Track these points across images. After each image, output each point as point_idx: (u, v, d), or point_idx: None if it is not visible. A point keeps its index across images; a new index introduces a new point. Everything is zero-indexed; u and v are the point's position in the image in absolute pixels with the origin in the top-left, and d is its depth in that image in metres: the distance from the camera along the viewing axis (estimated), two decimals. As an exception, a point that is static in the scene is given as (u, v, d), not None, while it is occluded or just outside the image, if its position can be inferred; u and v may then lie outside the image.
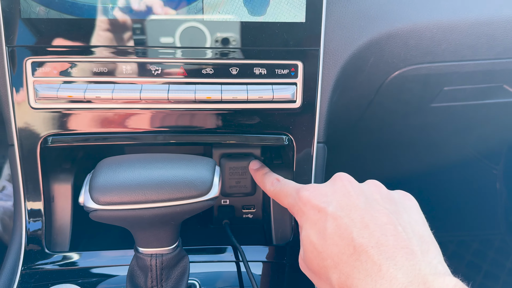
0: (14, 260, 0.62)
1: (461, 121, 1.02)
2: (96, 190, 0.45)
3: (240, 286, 0.60)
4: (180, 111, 0.63)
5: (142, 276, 0.52)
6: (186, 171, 0.48)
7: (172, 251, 0.51)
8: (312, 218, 0.47)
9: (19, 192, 0.64)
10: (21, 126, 0.63)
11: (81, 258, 0.64)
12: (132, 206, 0.45)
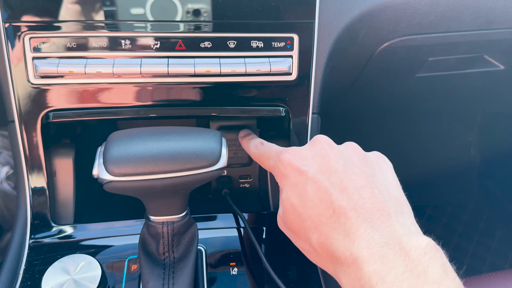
0: (21, 234, 0.64)
1: (442, 90, 1.06)
2: (110, 162, 0.47)
3: (243, 250, 0.64)
4: (179, 85, 0.65)
5: (153, 243, 0.54)
6: (196, 142, 0.50)
7: (182, 219, 0.54)
8: (293, 180, 0.49)
9: (21, 168, 0.65)
10: (21, 102, 0.63)
11: (88, 229, 0.65)
12: (146, 177, 0.47)
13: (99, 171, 0.48)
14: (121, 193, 0.49)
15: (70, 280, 0.54)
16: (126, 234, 0.66)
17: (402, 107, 1.15)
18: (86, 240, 0.64)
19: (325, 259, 0.45)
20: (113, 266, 0.59)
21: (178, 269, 0.53)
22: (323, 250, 0.44)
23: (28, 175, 0.65)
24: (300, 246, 0.50)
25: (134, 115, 0.66)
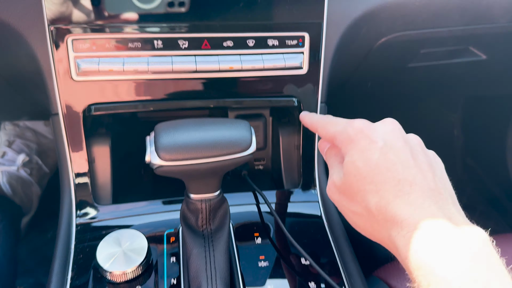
0: (68, 215, 0.72)
1: (430, 78, 1.16)
2: (161, 149, 0.55)
3: (263, 222, 0.73)
4: (205, 80, 0.73)
5: (193, 218, 0.63)
6: (231, 132, 0.58)
7: (217, 197, 0.63)
8: (362, 145, 0.51)
9: (65, 156, 0.73)
10: (64, 97, 0.70)
11: (125, 209, 0.74)
12: (191, 162, 0.56)
13: (151, 158, 0.56)
14: (169, 175, 0.58)
15: (120, 251, 0.63)
16: (159, 212, 0.74)
17: (394, 94, 1.25)
18: (126, 217, 0.73)
19: (379, 222, 0.47)
20: (154, 240, 0.68)
21: (216, 238, 0.62)
22: (380, 213, 0.46)
23: (71, 162, 0.73)
24: (352, 210, 0.52)
25: (165, 107, 0.75)
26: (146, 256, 0.62)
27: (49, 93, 0.71)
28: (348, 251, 0.69)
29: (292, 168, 0.83)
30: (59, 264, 0.65)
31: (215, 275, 0.58)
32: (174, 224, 0.71)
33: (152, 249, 0.67)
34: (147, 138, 0.59)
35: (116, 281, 0.61)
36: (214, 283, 0.57)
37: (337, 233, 0.72)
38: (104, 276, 0.61)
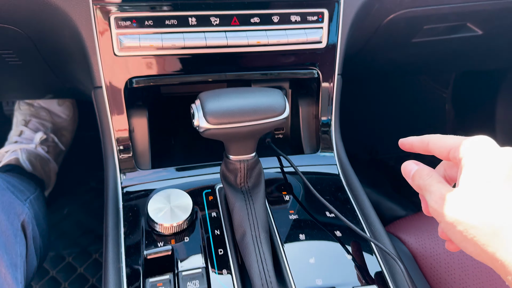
0: (113, 181, 0.79)
1: (429, 53, 1.25)
2: (209, 114, 0.62)
3: (288, 183, 0.81)
4: (234, 54, 0.80)
5: (232, 177, 0.71)
6: (268, 98, 0.66)
7: (253, 158, 0.70)
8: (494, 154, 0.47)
9: (108, 125, 0.79)
10: (107, 71, 0.77)
11: (164, 172, 0.81)
12: (235, 125, 0.63)
13: (200, 122, 0.63)
14: (214, 138, 0.65)
15: (168, 207, 0.70)
16: (194, 175, 0.82)
17: (394, 69, 1.33)
18: (164, 180, 0.80)
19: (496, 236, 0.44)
20: (194, 198, 0.76)
21: (254, 193, 0.70)
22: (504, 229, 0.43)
23: (114, 131, 0.80)
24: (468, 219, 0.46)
25: (198, 80, 0.82)
26: (191, 212, 0.70)
27: (93, 68, 0.77)
28: (368, 204, 0.78)
29: (311, 136, 0.91)
30: (112, 222, 0.72)
31: (256, 224, 0.66)
32: (209, 185, 0.79)
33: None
34: (192, 106, 0.66)
35: (165, 233, 0.69)
36: (257, 229, 0.65)
37: (356, 190, 0.81)
38: (154, 229, 0.69)
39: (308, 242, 0.70)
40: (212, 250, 0.67)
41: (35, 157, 1.40)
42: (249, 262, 0.62)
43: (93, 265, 1.45)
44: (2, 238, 0.70)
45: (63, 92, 1.05)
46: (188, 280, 0.62)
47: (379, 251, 0.70)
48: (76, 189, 1.65)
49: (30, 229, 0.83)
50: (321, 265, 0.66)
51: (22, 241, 0.78)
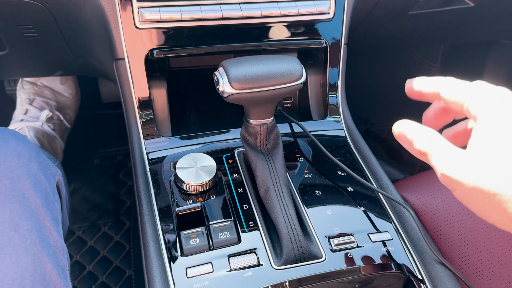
0: (138, 147, 0.83)
1: (421, 26, 1.31)
2: (233, 80, 0.67)
3: (300, 146, 0.87)
4: (248, 25, 0.84)
5: (252, 140, 0.76)
6: (287, 65, 0.71)
7: (272, 121, 0.76)
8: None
9: (130, 95, 0.84)
10: (129, 43, 0.81)
11: (184, 139, 0.86)
12: (257, 89, 0.69)
13: (225, 88, 0.68)
14: (237, 102, 0.70)
15: (194, 169, 0.76)
16: (212, 141, 0.87)
17: (392, 42, 1.39)
18: (186, 146, 0.85)
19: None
20: (216, 162, 0.81)
21: (273, 154, 0.76)
22: None
23: (136, 100, 0.84)
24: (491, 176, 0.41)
25: (213, 50, 0.86)
26: (216, 172, 0.76)
27: (114, 41, 0.81)
28: (375, 163, 0.84)
29: (319, 103, 0.97)
30: (143, 184, 0.77)
31: (278, 180, 0.72)
32: (228, 150, 0.84)
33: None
34: (216, 73, 0.71)
35: (192, 191, 0.74)
36: (279, 185, 0.71)
37: (363, 151, 0.88)
38: (182, 188, 0.74)
39: (324, 196, 0.76)
40: (238, 205, 0.73)
41: (42, 134, 1.43)
42: (274, 214, 0.68)
43: (103, 238, 1.50)
44: (44, 195, 0.74)
45: (74, 68, 1.08)
46: (219, 231, 0.68)
47: (387, 201, 0.77)
48: (81, 166, 1.69)
49: (63, 190, 0.87)
50: (337, 216, 0.73)
51: (58, 199, 0.82)
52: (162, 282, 0.62)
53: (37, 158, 0.76)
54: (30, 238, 0.67)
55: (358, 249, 0.67)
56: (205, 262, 0.64)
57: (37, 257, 0.66)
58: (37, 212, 0.71)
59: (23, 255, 0.65)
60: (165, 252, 0.66)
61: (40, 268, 0.66)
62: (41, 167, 0.76)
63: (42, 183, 0.74)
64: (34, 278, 0.64)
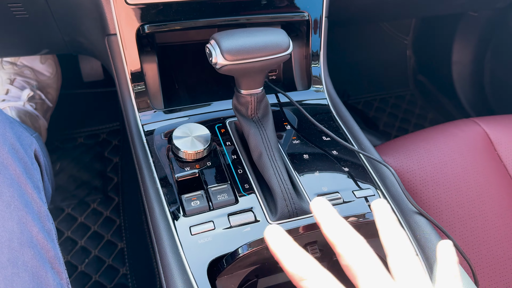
0: (133, 119, 0.87)
1: None
2: (226, 52, 0.71)
3: (286, 115, 0.93)
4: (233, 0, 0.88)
5: (243, 109, 0.81)
6: (275, 36, 0.75)
7: (262, 91, 0.81)
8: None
9: (123, 70, 0.87)
10: (121, 19, 0.83)
11: (177, 110, 0.90)
12: (248, 60, 0.73)
13: (218, 59, 0.72)
14: (229, 73, 0.75)
15: (190, 138, 0.80)
16: (203, 112, 0.91)
17: (365, 15, 1.45)
18: (179, 118, 0.89)
19: None
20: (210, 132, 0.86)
21: (264, 121, 0.81)
22: None
23: (130, 75, 0.87)
24: None
25: (199, 25, 0.90)
26: (210, 141, 0.81)
27: (105, 17, 0.84)
28: (356, 128, 0.91)
29: (302, 74, 1.02)
30: (142, 155, 0.81)
31: (270, 145, 0.77)
32: (219, 120, 0.89)
33: (209, 138, 0.85)
34: (208, 46, 0.74)
35: (189, 159, 0.79)
36: (271, 149, 0.77)
37: (345, 118, 0.94)
38: (179, 156, 0.79)
39: (311, 160, 0.82)
40: (233, 170, 0.78)
41: (25, 113, 1.43)
42: (268, 175, 0.74)
43: (93, 214, 1.53)
44: (22, 164, 0.76)
45: (60, 46, 1.09)
46: (218, 193, 0.73)
47: (369, 162, 0.84)
48: (65, 145, 1.70)
49: (41, 159, 0.89)
50: (324, 177, 0.79)
51: (37, 168, 0.84)
52: (169, 240, 0.67)
53: (12, 128, 0.78)
54: (13, 204, 0.69)
55: (344, 204, 0.74)
56: (206, 221, 0.69)
57: (22, 221, 0.69)
58: (18, 179, 0.73)
59: (8, 220, 0.67)
60: (169, 214, 0.71)
61: (26, 232, 0.69)
62: (16, 136, 0.78)
63: (19, 152, 0.76)
64: (22, 241, 0.67)
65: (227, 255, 0.65)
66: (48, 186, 0.95)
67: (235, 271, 0.67)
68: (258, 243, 0.64)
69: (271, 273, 0.75)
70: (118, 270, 1.41)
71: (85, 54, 1.16)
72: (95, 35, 0.93)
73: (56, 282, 0.69)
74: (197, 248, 0.66)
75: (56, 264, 0.72)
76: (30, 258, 0.67)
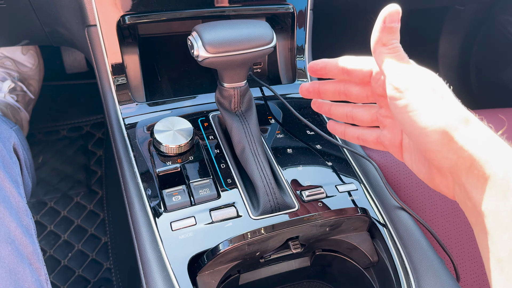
0: (114, 112, 0.85)
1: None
2: (207, 44, 0.70)
3: (272, 108, 0.92)
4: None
5: (226, 102, 0.80)
6: (258, 29, 0.74)
7: (245, 85, 0.80)
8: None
9: (104, 62, 0.85)
10: (101, 10, 0.81)
11: (159, 103, 0.89)
12: (231, 53, 0.72)
13: (200, 52, 0.71)
14: (211, 66, 0.73)
15: (172, 132, 0.79)
16: (186, 106, 0.90)
17: (352, 6, 1.44)
18: (161, 111, 0.88)
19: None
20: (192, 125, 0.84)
21: (247, 116, 0.80)
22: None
23: (110, 67, 0.85)
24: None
25: (182, 16, 0.88)
26: (193, 135, 0.79)
27: (85, 7, 0.81)
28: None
29: (287, 67, 1.01)
30: (122, 149, 0.79)
31: (253, 140, 0.76)
32: (202, 114, 0.88)
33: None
34: (190, 38, 0.73)
35: (171, 153, 0.78)
36: (254, 144, 0.76)
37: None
38: (161, 150, 0.77)
39: (295, 154, 0.82)
40: (215, 164, 0.77)
41: (5, 106, 1.40)
42: (250, 170, 0.73)
43: (76, 208, 1.51)
44: (0, 158, 0.75)
45: (40, 37, 1.06)
46: (200, 188, 0.72)
47: (353, 157, 0.83)
48: (48, 138, 1.67)
49: (21, 153, 0.87)
50: (307, 171, 0.79)
51: (16, 162, 0.82)
52: (149, 236, 0.66)
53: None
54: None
55: (327, 199, 0.74)
56: (188, 216, 0.68)
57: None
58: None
59: None
60: (149, 209, 0.70)
61: (4, 227, 0.67)
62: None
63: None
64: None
65: (208, 251, 0.64)
66: (28, 181, 0.93)
67: (216, 267, 0.66)
68: (240, 239, 0.63)
69: (252, 268, 0.75)
70: (102, 264, 1.40)
71: (67, 45, 1.14)
72: (75, 26, 0.90)
73: (35, 279, 0.68)
74: (178, 244, 0.65)
75: (34, 260, 0.71)
76: (7, 254, 0.65)
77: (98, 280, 1.37)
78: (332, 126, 0.71)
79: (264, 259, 0.73)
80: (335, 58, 0.62)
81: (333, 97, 0.67)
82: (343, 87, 0.65)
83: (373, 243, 0.73)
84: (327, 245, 0.76)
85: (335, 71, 0.62)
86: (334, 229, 0.71)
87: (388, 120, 0.60)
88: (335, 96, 0.66)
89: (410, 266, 0.68)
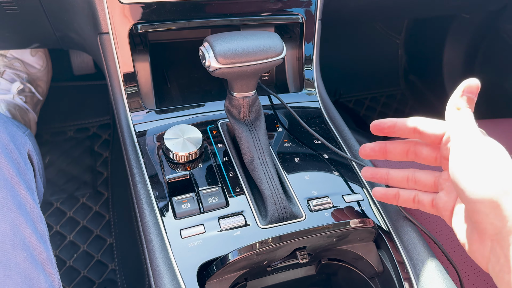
0: (125, 119, 0.86)
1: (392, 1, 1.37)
2: (219, 55, 0.71)
3: (279, 115, 0.93)
4: (228, 1, 0.88)
5: (236, 111, 0.81)
6: (269, 40, 0.75)
7: (254, 94, 0.81)
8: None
9: (115, 69, 0.86)
10: (114, 18, 0.82)
11: (169, 111, 0.90)
12: (242, 64, 0.73)
13: (211, 62, 0.72)
14: (222, 76, 0.75)
15: (181, 140, 0.80)
16: (195, 114, 0.91)
17: (359, 15, 1.45)
18: (170, 118, 0.89)
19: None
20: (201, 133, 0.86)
21: (256, 124, 0.81)
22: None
23: (121, 74, 0.87)
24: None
25: (193, 25, 0.89)
26: (202, 143, 0.81)
27: (98, 15, 0.83)
28: (347, 132, 0.92)
29: (295, 76, 1.02)
30: (132, 155, 0.81)
31: (262, 149, 0.78)
32: (211, 121, 0.89)
33: (201, 140, 0.85)
34: (201, 48, 0.74)
35: (181, 161, 0.79)
36: (262, 153, 0.77)
37: (336, 121, 0.95)
38: (171, 157, 0.79)
39: (302, 163, 0.83)
40: (224, 173, 0.79)
41: (14, 107, 1.41)
42: (259, 179, 0.75)
43: (82, 209, 1.53)
44: (15, 164, 0.75)
45: (51, 41, 1.08)
46: (209, 196, 0.74)
47: (359, 168, 0.84)
48: (55, 139, 1.68)
49: (35, 158, 0.88)
50: (314, 181, 0.80)
51: (31, 168, 0.83)
52: (159, 243, 0.67)
53: (5, 128, 0.78)
54: (6, 205, 0.69)
55: (334, 209, 0.75)
56: (197, 224, 0.70)
57: (15, 223, 0.69)
58: (11, 180, 0.73)
59: (1, 221, 0.67)
60: (159, 216, 0.71)
61: (19, 233, 0.68)
62: (10, 136, 0.77)
63: (12, 152, 0.76)
64: (14, 242, 0.67)
65: (217, 259, 0.65)
66: (41, 186, 0.94)
67: (225, 275, 0.67)
68: (249, 249, 0.65)
69: (259, 276, 0.76)
70: (107, 265, 1.41)
71: (77, 49, 1.15)
72: (87, 32, 0.92)
73: (48, 284, 0.69)
74: (187, 252, 0.66)
75: (48, 266, 0.72)
76: (22, 260, 0.67)
77: (103, 281, 1.38)
78: (381, 190, 0.71)
79: (271, 267, 0.74)
80: (404, 118, 0.62)
81: (400, 157, 0.67)
82: (413, 147, 0.65)
83: (378, 254, 0.74)
84: (333, 254, 0.77)
85: (405, 130, 0.63)
86: (341, 240, 0.72)
87: (447, 184, 0.61)
88: (402, 156, 0.66)
89: (414, 277, 0.69)
